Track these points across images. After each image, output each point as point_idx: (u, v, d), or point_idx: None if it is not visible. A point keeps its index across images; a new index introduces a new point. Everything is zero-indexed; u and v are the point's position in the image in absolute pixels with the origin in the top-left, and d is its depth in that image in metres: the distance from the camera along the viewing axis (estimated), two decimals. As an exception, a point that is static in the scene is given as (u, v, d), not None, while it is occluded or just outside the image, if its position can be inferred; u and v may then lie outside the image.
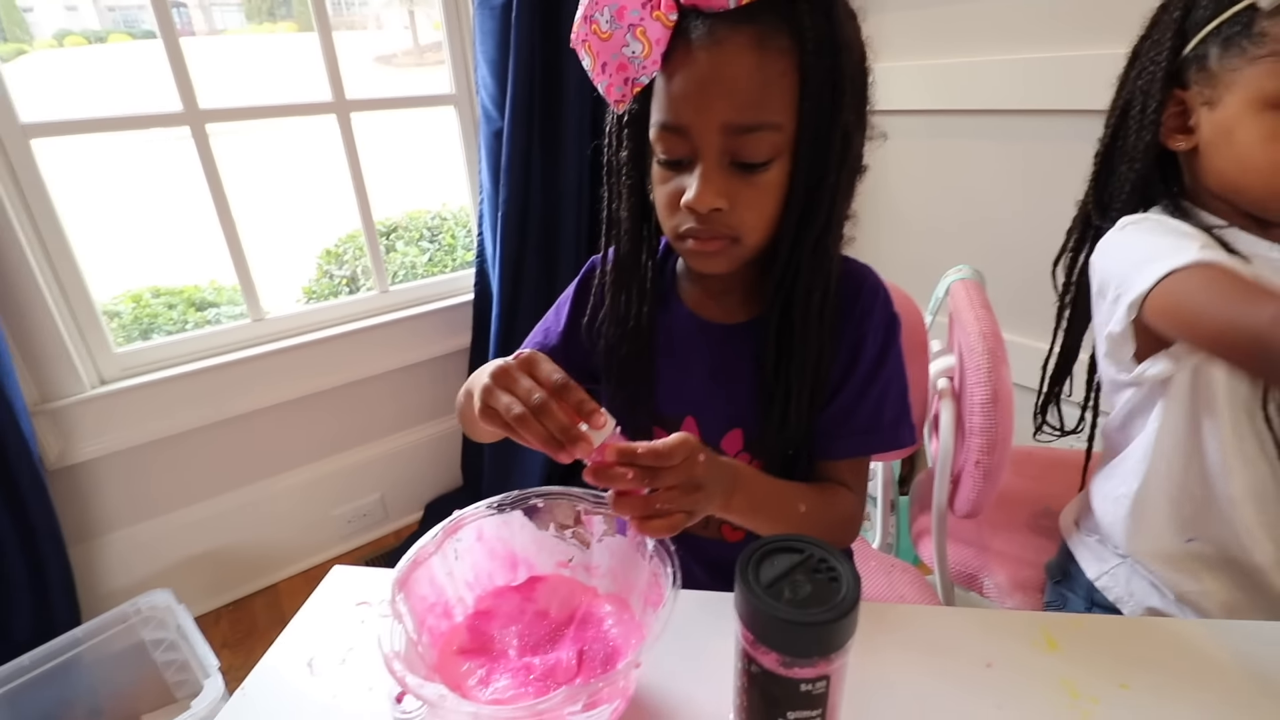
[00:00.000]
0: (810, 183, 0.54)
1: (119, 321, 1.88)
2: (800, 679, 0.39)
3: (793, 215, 0.55)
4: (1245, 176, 0.62)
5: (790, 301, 0.58)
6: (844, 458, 0.65)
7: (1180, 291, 0.56)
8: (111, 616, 1.24)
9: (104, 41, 3.93)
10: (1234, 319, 0.52)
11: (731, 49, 0.49)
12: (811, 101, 0.51)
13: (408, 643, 0.42)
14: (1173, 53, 0.64)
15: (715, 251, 0.56)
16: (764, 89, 0.50)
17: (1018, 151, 1.35)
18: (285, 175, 3.36)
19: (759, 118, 0.51)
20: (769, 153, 0.52)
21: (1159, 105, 0.66)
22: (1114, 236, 0.68)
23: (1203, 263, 0.55)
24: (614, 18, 0.50)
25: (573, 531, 0.52)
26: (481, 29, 1.47)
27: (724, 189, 0.52)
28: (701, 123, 0.51)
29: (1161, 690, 0.49)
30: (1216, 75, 0.61)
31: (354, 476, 1.74)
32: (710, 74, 0.50)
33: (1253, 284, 0.53)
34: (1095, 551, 0.78)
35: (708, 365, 0.65)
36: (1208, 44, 0.61)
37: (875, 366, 0.62)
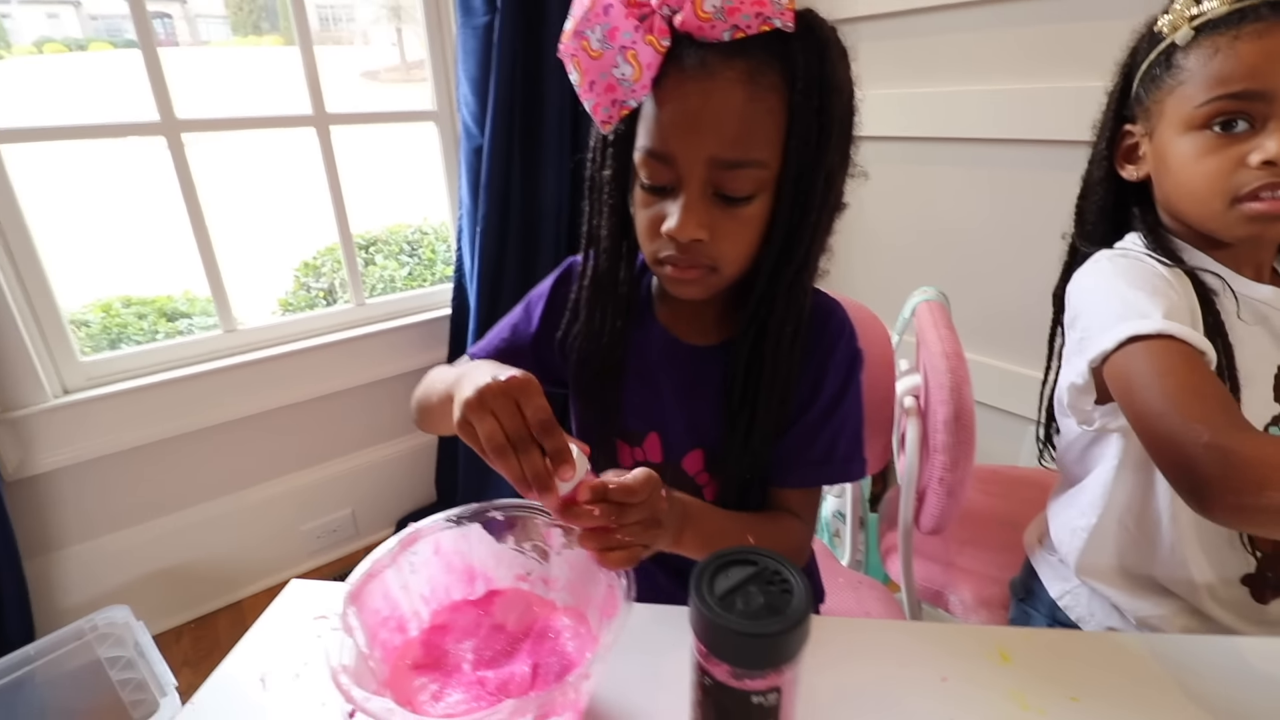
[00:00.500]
0: (792, 219, 0.54)
1: (88, 331, 1.85)
2: (751, 690, 0.39)
3: (773, 249, 0.56)
4: (1182, 200, 0.65)
5: (763, 330, 0.59)
6: (796, 487, 0.66)
7: (1134, 370, 0.57)
8: (66, 633, 1.20)
9: (85, 50, 3.90)
10: (1172, 430, 0.52)
11: (722, 82, 0.49)
12: (798, 141, 0.51)
13: (358, 657, 0.41)
14: (1121, 93, 0.71)
15: (692, 280, 0.56)
16: (752, 126, 0.50)
17: (986, 178, 1.39)
18: (265, 188, 3.35)
19: (745, 154, 0.51)
20: (752, 188, 0.53)
21: (1109, 140, 0.71)
22: (1091, 269, 0.69)
23: (1165, 336, 0.56)
24: (605, 38, 0.49)
25: (532, 545, 0.52)
26: (464, 47, 1.49)
27: (705, 220, 0.52)
28: (687, 154, 0.51)
29: (1108, 703, 0.49)
30: (1149, 108, 0.67)
31: (325, 491, 1.72)
32: (699, 106, 0.50)
33: (1202, 389, 0.53)
34: (1058, 571, 0.79)
35: (677, 384, 0.66)
36: (1144, 82, 0.67)
37: (835, 401, 0.63)
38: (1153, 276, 0.63)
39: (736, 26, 0.48)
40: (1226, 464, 0.47)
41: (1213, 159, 0.60)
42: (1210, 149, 0.61)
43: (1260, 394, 0.63)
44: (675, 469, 0.67)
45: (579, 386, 0.67)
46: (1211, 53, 0.60)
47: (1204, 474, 0.48)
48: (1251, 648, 0.55)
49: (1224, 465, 0.48)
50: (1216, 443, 0.48)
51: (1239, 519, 0.49)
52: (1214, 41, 0.59)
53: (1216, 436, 0.48)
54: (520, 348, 0.70)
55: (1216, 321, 0.62)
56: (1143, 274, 0.64)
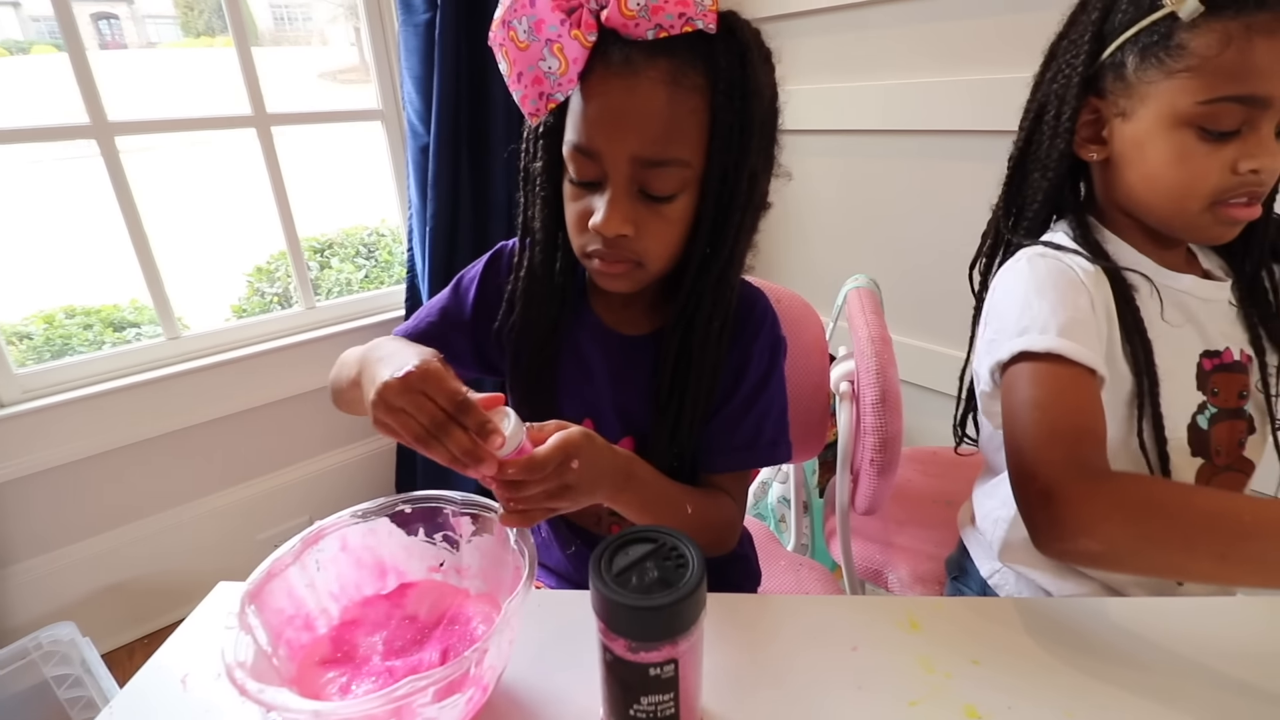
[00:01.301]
0: (716, 218, 0.55)
1: (30, 344, 1.79)
2: (648, 663, 0.40)
3: (698, 246, 0.57)
4: (1152, 195, 0.61)
5: (690, 324, 0.60)
6: (724, 471, 0.67)
7: (1015, 395, 0.58)
8: (9, 653, 1.18)
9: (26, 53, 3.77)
10: (1020, 467, 0.54)
11: (646, 81, 0.50)
12: (720, 141, 0.52)
13: (258, 654, 0.41)
14: (1090, 57, 0.61)
15: (618, 274, 0.58)
16: (674, 125, 0.51)
17: (917, 168, 1.42)
18: (217, 193, 3.29)
19: (667, 153, 0.52)
20: (676, 186, 0.53)
21: (1074, 112, 0.62)
22: (1010, 269, 0.67)
23: (1054, 354, 0.56)
24: (532, 29, 0.50)
25: (442, 535, 0.52)
26: (406, 45, 1.48)
27: (630, 216, 0.53)
28: (612, 151, 0.52)
29: (1008, 664, 0.51)
30: (1132, 86, 0.58)
31: (280, 499, 1.69)
32: (623, 104, 0.51)
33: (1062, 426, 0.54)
34: (988, 551, 0.80)
35: (608, 372, 0.67)
36: (1125, 51, 0.58)
37: (759, 388, 0.65)
38: (1066, 282, 0.61)
39: (660, 25, 0.49)
40: (1048, 515, 0.51)
41: (1199, 161, 0.57)
42: (1199, 151, 0.56)
43: (1183, 385, 0.64)
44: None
45: (515, 374, 0.68)
46: (1223, 40, 0.53)
47: (1033, 516, 0.52)
48: (1147, 607, 0.57)
49: (1045, 516, 0.51)
50: (1046, 488, 0.51)
51: (1062, 559, 0.53)
52: (1225, 27, 0.52)
53: (1050, 481, 0.51)
54: (452, 332, 0.70)
55: (1135, 319, 0.62)
56: (1055, 279, 0.61)
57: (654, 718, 0.42)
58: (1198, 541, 0.47)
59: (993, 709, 0.48)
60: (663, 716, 0.42)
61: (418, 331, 0.70)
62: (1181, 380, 0.64)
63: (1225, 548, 0.46)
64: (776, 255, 1.70)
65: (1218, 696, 0.48)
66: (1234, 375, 0.65)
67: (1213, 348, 0.65)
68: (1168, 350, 0.62)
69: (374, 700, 0.35)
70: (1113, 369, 0.62)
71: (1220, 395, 0.64)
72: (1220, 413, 0.64)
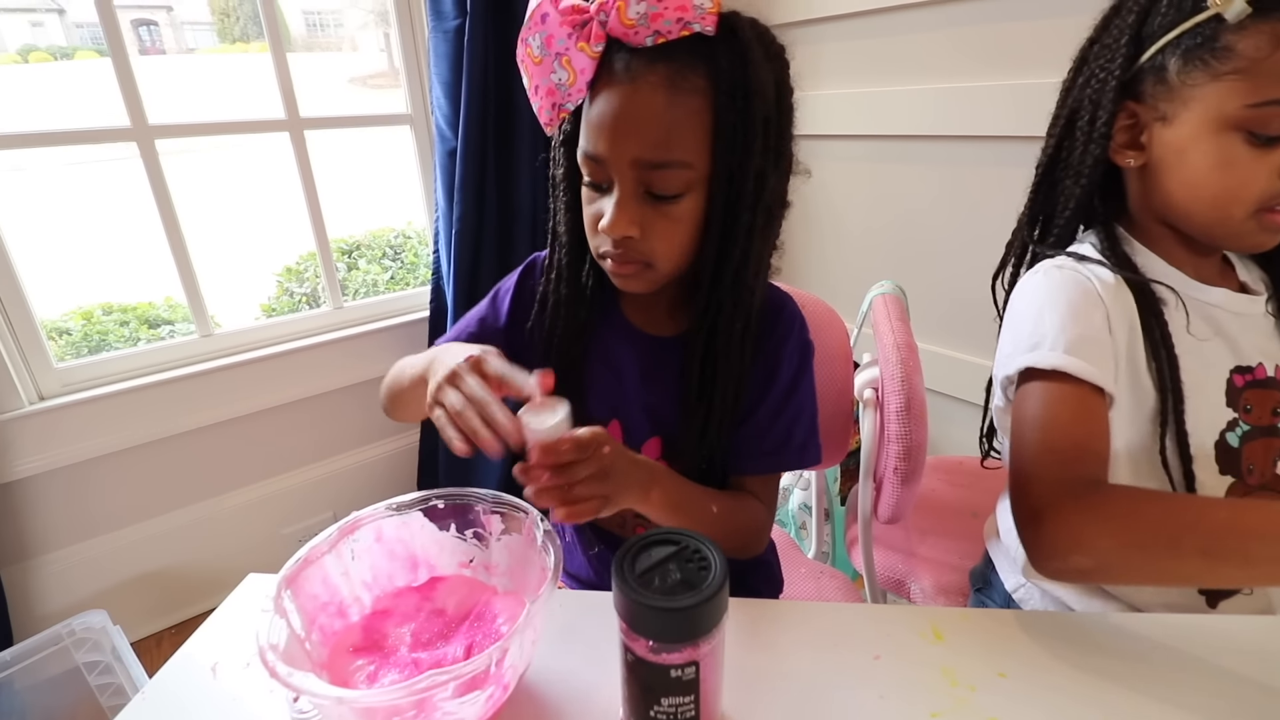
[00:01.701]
0: (725, 218, 0.56)
1: (68, 339, 1.85)
2: (670, 665, 0.40)
3: (710, 247, 0.57)
4: (1194, 202, 0.59)
5: (714, 327, 0.61)
6: (754, 474, 0.68)
7: (1022, 414, 0.58)
8: (43, 638, 1.21)
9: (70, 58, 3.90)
10: (1018, 487, 0.54)
11: (645, 86, 0.51)
12: (724, 142, 0.53)
13: (291, 639, 0.42)
14: (1127, 61, 0.59)
15: (629, 274, 0.59)
16: (674, 128, 0.52)
17: (943, 174, 1.41)
18: (249, 195, 3.36)
19: (668, 155, 0.53)
20: (680, 187, 0.54)
21: (1110, 117, 0.60)
22: (1029, 282, 0.66)
23: (1060, 371, 0.56)
24: (544, 44, 0.53)
25: (472, 532, 0.53)
26: (435, 51, 1.50)
27: (637, 218, 0.54)
28: (615, 155, 0.53)
29: (1035, 678, 0.51)
30: (1174, 89, 0.56)
31: (305, 494, 1.72)
32: (623, 110, 0.52)
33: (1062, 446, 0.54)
34: (1013, 564, 0.78)
35: (637, 372, 0.68)
36: (1166, 54, 0.56)
37: (789, 391, 0.65)
38: (1080, 296, 0.60)
39: (659, 32, 0.50)
40: (1038, 535, 0.51)
41: (1245, 166, 0.55)
42: (1245, 156, 0.55)
43: (1212, 400, 0.62)
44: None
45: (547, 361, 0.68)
46: (1272, 42, 0.51)
47: (1026, 536, 0.53)
48: (1176, 624, 0.56)
49: (1035, 536, 0.52)
50: (1036, 508, 0.52)
51: (1055, 578, 0.53)
52: (1274, 28, 0.51)
53: (1040, 500, 0.52)
54: (490, 340, 0.71)
55: (1163, 333, 0.60)
56: (1070, 293, 0.60)
57: (675, 719, 0.42)
58: (1181, 542, 0.47)
59: (1019, 723, 0.47)
60: (683, 718, 0.42)
61: (458, 340, 0.72)
62: (1209, 396, 0.62)
63: (1208, 543, 0.47)
64: (801, 260, 1.70)
65: (1250, 717, 0.47)
66: (1268, 391, 0.63)
67: (1245, 363, 0.63)
68: (1195, 365, 0.61)
69: (396, 692, 0.36)
70: (1136, 383, 0.61)
71: (1253, 412, 0.62)
72: (1254, 430, 0.62)
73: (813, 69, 1.56)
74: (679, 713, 0.42)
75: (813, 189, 0.63)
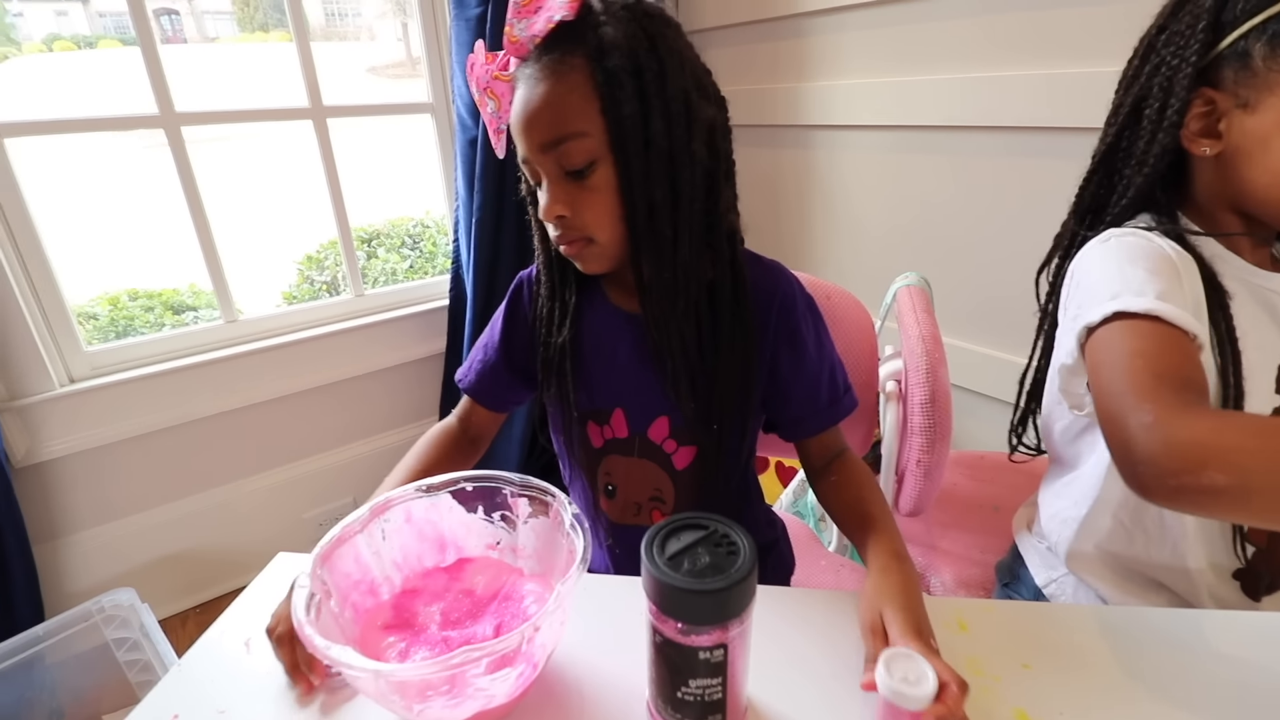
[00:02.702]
0: (634, 178, 0.57)
1: (95, 324, 1.89)
2: (699, 647, 0.41)
3: (640, 210, 0.58)
4: (1277, 189, 0.58)
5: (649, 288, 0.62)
6: (826, 429, 0.70)
7: (1109, 347, 0.54)
8: (73, 615, 1.24)
9: (93, 47, 3.94)
10: (1122, 411, 0.49)
11: (534, 81, 0.56)
12: (610, 103, 0.55)
13: (326, 613, 0.43)
14: (1204, 46, 0.57)
15: (577, 253, 0.62)
16: (560, 104, 0.56)
17: (968, 165, 1.38)
18: (270, 183, 3.39)
19: (560, 130, 0.56)
20: (585, 156, 0.57)
21: (1183, 105, 0.59)
22: (1095, 249, 0.64)
23: (1153, 315, 0.53)
24: (476, 86, 0.61)
25: (500, 515, 0.54)
26: (457, 39, 1.50)
27: (563, 198, 0.58)
28: (528, 148, 0.58)
29: (1059, 670, 0.51)
30: (1259, 75, 0.55)
31: (326, 479, 1.75)
32: (523, 106, 0.57)
33: (1168, 372, 0.50)
34: (1045, 559, 0.78)
35: (631, 355, 0.68)
36: (1250, 40, 0.55)
37: (818, 347, 0.68)
38: (1158, 256, 0.59)
39: (534, 35, 0.55)
40: (1165, 445, 0.45)
41: None
42: None
43: (1262, 386, 0.61)
44: (642, 439, 0.69)
45: (548, 376, 0.70)
46: None
47: (1141, 454, 0.46)
48: (1204, 620, 0.56)
49: (1162, 446, 0.45)
50: (1158, 423, 0.46)
51: (1174, 501, 0.46)
52: None
53: (1160, 417, 0.46)
54: (493, 364, 0.75)
55: (1229, 326, 0.59)
56: (1148, 252, 0.59)
57: (701, 701, 0.42)
58: None
59: (1044, 714, 0.47)
60: (710, 700, 0.43)
61: (477, 379, 0.76)
62: (1261, 380, 0.61)
63: None
64: (824, 252, 1.68)
65: None
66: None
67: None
68: (1250, 346, 0.60)
69: (431, 666, 0.37)
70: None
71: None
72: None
73: (835, 59, 1.54)
74: (706, 694, 0.42)
75: (836, 179, 0.63)
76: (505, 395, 0.76)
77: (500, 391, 0.76)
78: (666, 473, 0.70)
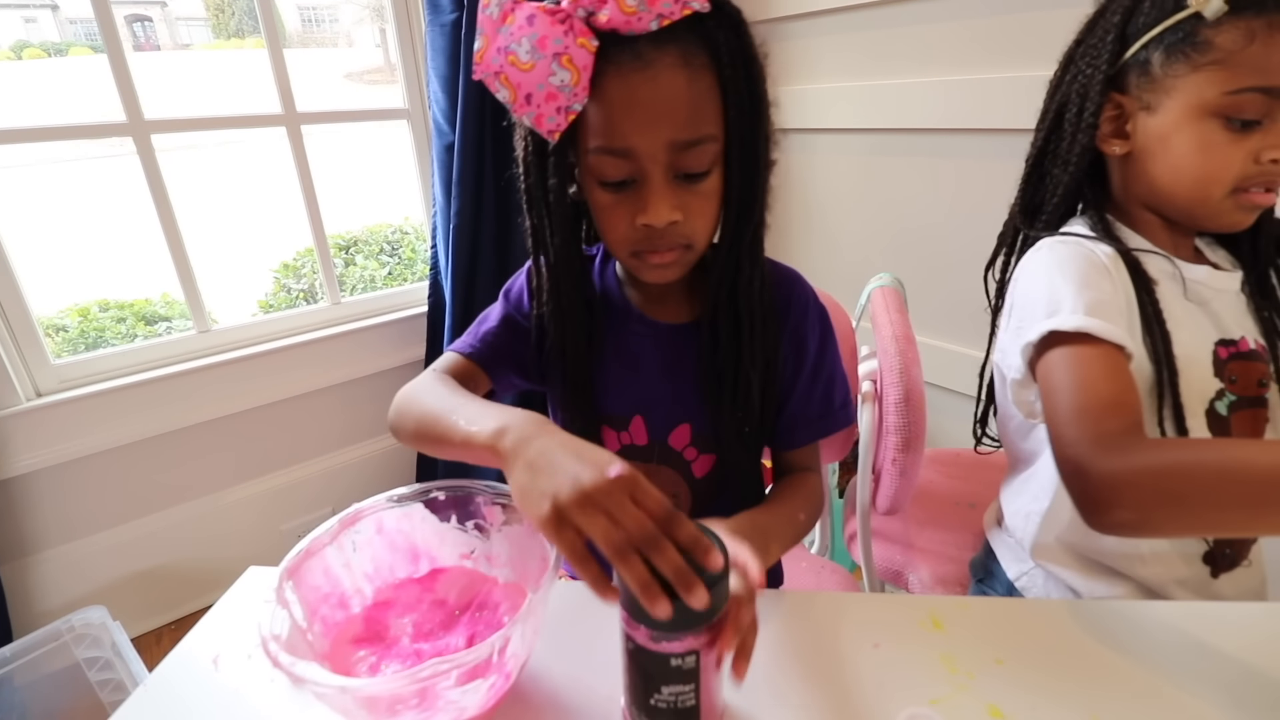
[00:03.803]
0: (743, 184, 0.58)
1: (65, 336, 1.85)
2: (670, 653, 0.40)
3: (731, 217, 0.59)
4: (1176, 185, 0.64)
5: (734, 298, 0.62)
6: (805, 444, 0.70)
7: (1052, 379, 0.59)
8: (42, 635, 1.21)
9: (64, 54, 3.86)
10: (1061, 450, 0.55)
11: (664, 69, 0.52)
12: (735, 111, 0.55)
13: (294, 630, 0.42)
14: (1113, 56, 0.64)
15: (671, 262, 0.59)
16: (698, 104, 0.54)
17: (941, 167, 1.41)
18: (246, 192, 3.36)
19: (699, 131, 0.54)
20: (709, 162, 0.55)
21: (1097, 108, 0.66)
22: (1031, 259, 0.69)
23: (1084, 333, 0.58)
24: (535, 48, 0.50)
25: (473, 523, 0.53)
26: (432, 45, 1.50)
27: (676, 202, 0.55)
28: (647, 144, 0.53)
29: (1033, 665, 0.51)
30: (1158, 80, 0.62)
31: (305, 491, 1.72)
32: (650, 96, 0.52)
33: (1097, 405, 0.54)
34: (1014, 552, 0.80)
35: (658, 364, 0.68)
36: (1150, 49, 0.62)
37: (819, 358, 0.68)
38: (1088, 265, 0.64)
39: (660, 15, 0.51)
40: (1082, 489, 0.52)
41: (1223, 150, 0.60)
42: (1223, 140, 0.59)
43: (1200, 373, 0.65)
44: (662, 446, 0.69)
45: (562, 382, 0.68)
46: (1247, 36, 0.56)
47: (1073, 495, 0.53)
48: (1172, 611, 0.57)
49: (1081, 490, 0.52)
50: (1077, 466, 0.52)
51: (1106, 532, 0.52)
52: (1249, 24, 0.56)
53: (1079, 458, 0.52)
54: (516, 344, 0.69)
55: (1156, 310, 0.63)
56: (1078, 262, 0.64)
57: (674, 708, 0.42)
58: (1222, 497, 0.48)
59: (1016, 709, 0.47)
60: (683, 707, 0.42)
61: (484, 347, 0.69)
62: (1199, 368, 0.65)
63: (1250, 497, 0.46)
64: (800, 254, 1.70)
65: (1248, 701, 0.48)
66: (1252, 364, 0.66)
67: (1228, 336, 0.66)
68: (1184, 336, 0.64)
69: (399, 680, 0.36)
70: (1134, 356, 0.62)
71: (1239, 383, 0.66)
72: (1240, 400, 0.66)
73: (808, 63, 1.55)
74: (679, 701, 0.42)
75: (811, 182, 0.65)
76: (519, 370, 0.70)
77: (515, 366, 0.69)
78: (685, 480, 0.69)
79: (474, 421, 0.49)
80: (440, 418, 0.53)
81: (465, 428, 0.49)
